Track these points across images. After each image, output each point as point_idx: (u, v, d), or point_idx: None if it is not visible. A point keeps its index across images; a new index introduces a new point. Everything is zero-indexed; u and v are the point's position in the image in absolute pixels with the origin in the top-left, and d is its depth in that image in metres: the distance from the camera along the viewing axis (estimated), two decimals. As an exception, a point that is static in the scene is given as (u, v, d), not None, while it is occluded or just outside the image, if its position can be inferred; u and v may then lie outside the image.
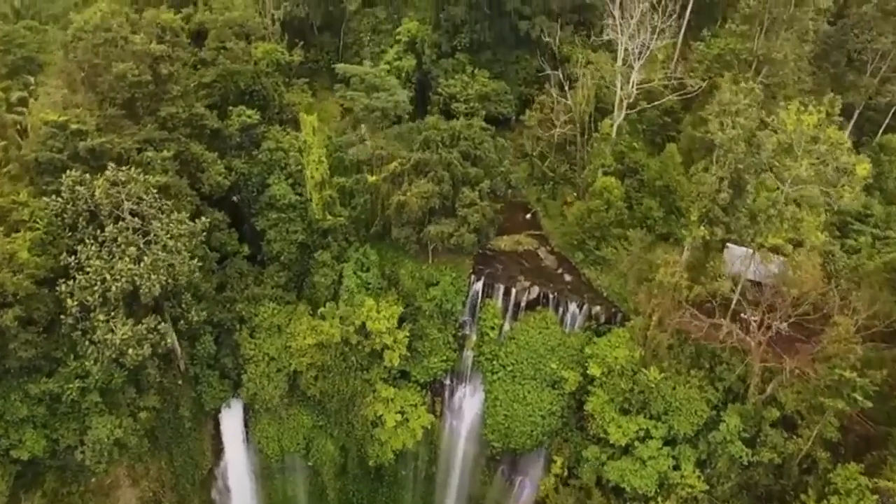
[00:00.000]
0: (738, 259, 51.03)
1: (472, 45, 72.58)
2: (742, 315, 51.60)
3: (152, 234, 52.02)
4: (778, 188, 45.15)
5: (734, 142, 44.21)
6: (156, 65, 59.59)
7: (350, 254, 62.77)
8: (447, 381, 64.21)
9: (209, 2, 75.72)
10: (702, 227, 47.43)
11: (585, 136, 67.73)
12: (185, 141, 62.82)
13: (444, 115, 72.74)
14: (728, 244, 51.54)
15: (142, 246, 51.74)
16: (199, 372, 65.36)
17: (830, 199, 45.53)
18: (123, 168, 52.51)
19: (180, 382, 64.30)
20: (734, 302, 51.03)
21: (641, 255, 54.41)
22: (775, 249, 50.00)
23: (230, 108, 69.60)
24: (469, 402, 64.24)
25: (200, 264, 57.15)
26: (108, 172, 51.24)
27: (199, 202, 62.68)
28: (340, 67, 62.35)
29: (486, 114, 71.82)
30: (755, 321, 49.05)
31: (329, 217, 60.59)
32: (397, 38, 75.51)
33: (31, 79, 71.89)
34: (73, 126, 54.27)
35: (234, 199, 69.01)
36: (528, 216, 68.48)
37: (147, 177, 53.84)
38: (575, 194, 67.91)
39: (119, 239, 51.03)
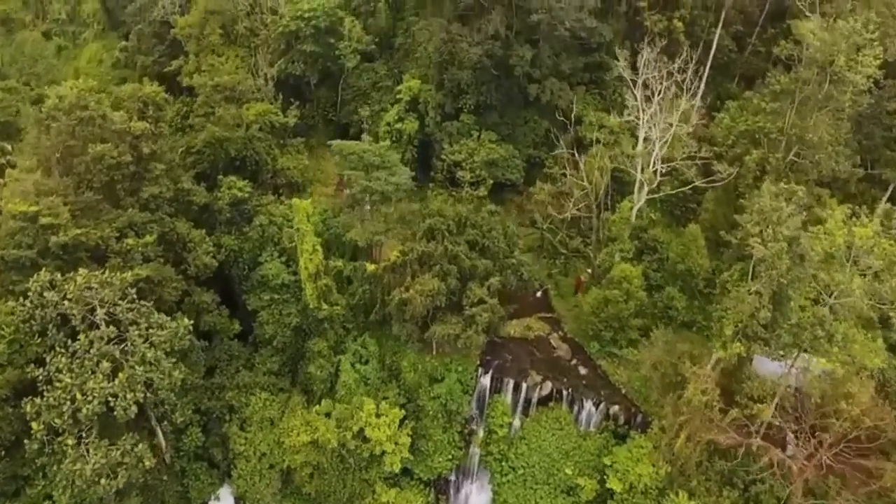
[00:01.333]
0: (773, 371, 45.39)
1: (478, 106, 66.82)
2: (779, 423, 45.97)
3: (129, 344, 46.17)
4: (823, 302, 39.47)
5: (778, 257, 38.53)
6: (137, 143, 53.84)
7: (348, 344, 56.97)
8: (452, 478, 58.36)
9: (199, 62, 70.09)
10: (737, 343, 41.75)
11: (600, 209, 62.11)
12: (169, 221, 57.11)
13: (449, 181, 67.35)
14: (758, 356, 45.82)
15: (118, 356, 45.91)
16: (185, 465, 59.62)
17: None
18: (97, 273, 46.57)
19: (165, 478, 58.49)
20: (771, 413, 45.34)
21: (666, 357, 48.67)
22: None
23: (220, 176, 64.12)
24: (476, 500, 58.46)
25: (184, 374, 51.24)
26: (79, 279, 45.35)
27: (185, 287, 56.99)
28: (336, 145, 56.50)
29: (493, 180, 66.46)
30: (796, 441, 43.45)
31: (325, 306, 54.78)
32: (398, 96, 69.71)
33: (9, 146, 66.18)
34: (45, 220, 48.36)
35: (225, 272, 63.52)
36: (539, 294, 62.69)
37: (125, 275, 47.96)
38: (589, 271, 62.15)
39: (92, 350, 45.18)
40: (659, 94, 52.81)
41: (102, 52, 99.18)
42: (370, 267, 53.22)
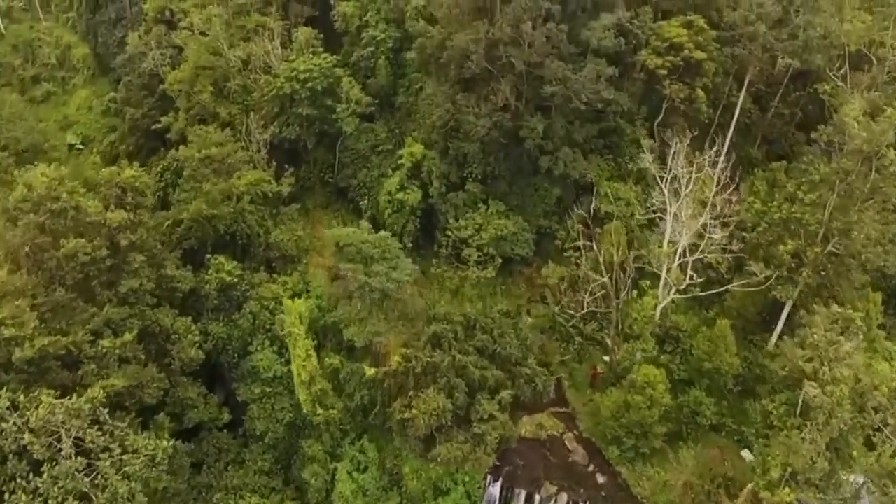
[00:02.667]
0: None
1: (485, 176, 61.08)
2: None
3: (100, 476, 40.26)
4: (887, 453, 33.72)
5: (838, 404, 32.84)
6: (114, 235, 48.01)
7: (345, 448, 51.08)
8: None
9: (187, 127, 64.24)
10: (786, 489, 35.93)
11: (617, 290, 56.28)
12: (151, 313, 51.28)
13: (454, 257, 61.46)
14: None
15: (87, 490, 39.98)
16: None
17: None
18: (63, 401, 40.53)
19: None
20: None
21: (697, 481, 42.88)
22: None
23: (208, 255, 58.35)
24: None
25: (165, 483, 45.48)
26: (41, 411, 39.37)
27: (167, 385, 51.12)
28: (332, 233, 50.93)
29: (501, 256, 60.59)
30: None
31: (320, 410, 48.94)
32: (399, 161, 63.79)
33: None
34: (7, 331, 42.44)
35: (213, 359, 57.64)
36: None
37: (95, 394, 41.97)
38: (606, 359, 56.27)
39: (57, 487, 39.23)
40: (687, 188, 46.94)
41: (92, 98, 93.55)
42: (369, 371, 47.34)
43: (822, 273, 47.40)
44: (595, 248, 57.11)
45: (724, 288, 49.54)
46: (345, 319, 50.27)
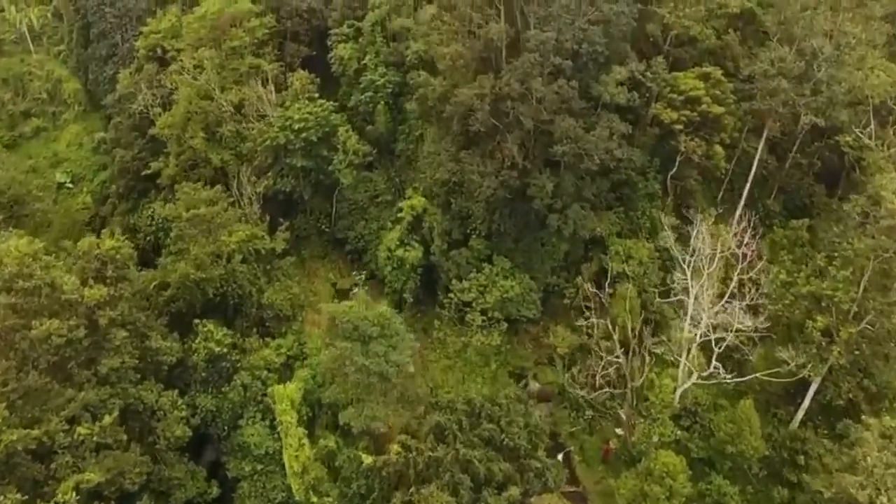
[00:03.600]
0: None
1: (490, 233, 57.16)
2: None
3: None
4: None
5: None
6: (93, 313, 44.01)
7: (342, 536, 47.07)
8: None
9: (176, 188, 60.14)
10: None
11: (629, 354, 52.37)
12: (134, 391, 47.20)
13: (457, 320, 57.46)
14: None
15: None
16: None
17: None
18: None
19: None
20: None
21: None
22: None
23: (196, 320, 54.32)
24: None
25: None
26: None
27: (150, 468, 47.04)
28: (329, 309, 46.85)
29: (507, 317, 56.61)
30: None
31: (314, 498, 44.83)
32: (399, 215, 59.86)
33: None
34: (-29, 427, 38.56)
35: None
36: (560, 456, 52.71)
37: (67, 498, 37.96)
38: (619, 432, 52.23)
39: None
40: (710, 267, 42.96)
41: (83, 134, 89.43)
42: (367, 459, 43.20)
43: (856, 352, 43.54)
44: (607, 303, 53.49)
45: (751, 377, 45.59)
46: (340, 399, 46.23)
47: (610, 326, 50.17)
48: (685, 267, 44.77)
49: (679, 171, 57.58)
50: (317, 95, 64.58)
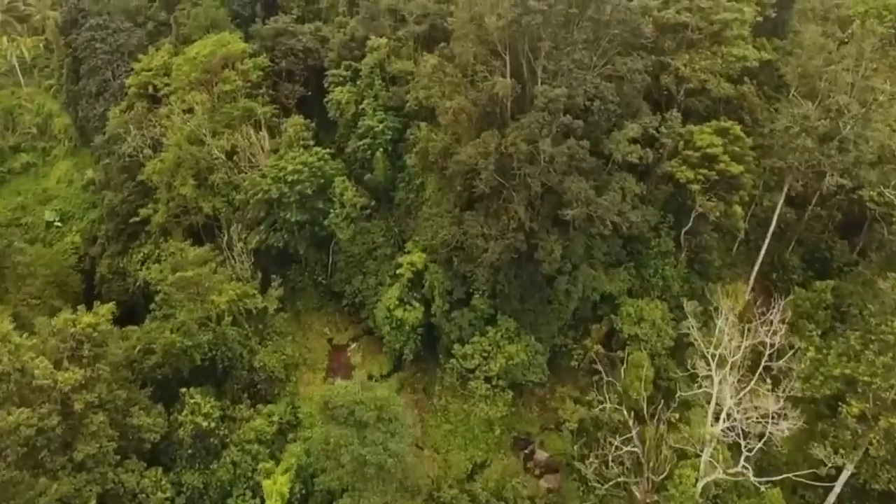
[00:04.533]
0: None
1: (494, 293, 53.45)
2: None
3: None
4: None
5: None
6: (67, 398, 40.24)
7: None
8: None
9: (160, 248, 56.47)
10: None
11: (643, 423, 48.70)
12: (113, 475, 43.34)
13: (460, 386, 53.67)
14: None
15: None
16: None
17: None
18: None
19: None
20: None
21: None
22: None
23: (182, 389, 50.49)
24: None
25: None
26: None
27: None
28: (323, 394, 43.08)
29: (512, 382, 52.89)
30: None
31: None
32: (398, 271, 56.08)
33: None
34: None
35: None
36: (570, 537, 49.02)
37: None
38: (632, 511, 48.55)
39: None
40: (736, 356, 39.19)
41: (73, 171, 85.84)
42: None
43: (896, 442, 39.83)
44: (619, 370, 49.85)
45: (780, 478, 41.77)
46: (334, 487, 42.42)
47: (621, 399, 46.51)
48: (709, 359, 40.91)
49: (693, 226, 53.93)
50: (312, 143, 61.18)
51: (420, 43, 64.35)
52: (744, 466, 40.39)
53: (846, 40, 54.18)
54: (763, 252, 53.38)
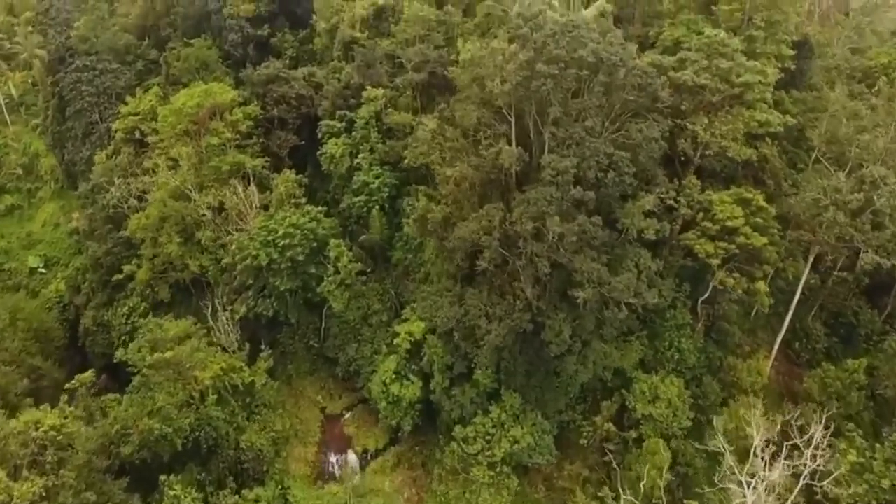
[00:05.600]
0: None
1: (498, 368, 49.18)
2: None
3: None
4: None
5: None
6: (26, 510, 35.89)
7: None
8: None
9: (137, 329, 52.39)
10: None
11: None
12: (81, 586, 39.02)
13: (462, 469, 49.15)
14: None
15: None
16: None
17: None
18: None
19: None
20: None
21: None
22: None
23: (162, 476, 46.11)
24: None
25: None
26: None
27: None
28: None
29: (517, 462, 48.58)
30: None
31: None
32: (395, 342, 51.71)
33: None
34: None
35: None
36: None
37: None
38: None
39: None
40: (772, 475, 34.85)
41: (59, 214, 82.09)
42: None
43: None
44: (633, 445, 45.59)
45: None
46: None
47: (634, 485, 42.21)
48: (744, 485, 36.48)
49: (711, 295, 49.72)
50: (304, 200, 57.04)
51: (419, 91, 60.43)
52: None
53: (875, 94, 50.17)
54: (786, 325, 49.07)
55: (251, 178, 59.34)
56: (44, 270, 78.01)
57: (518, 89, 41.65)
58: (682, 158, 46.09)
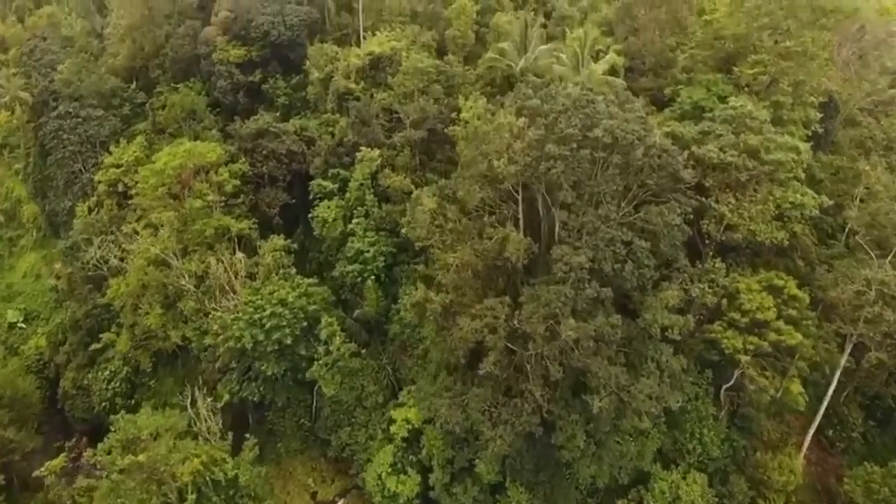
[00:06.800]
0: None
1: (504, 462, 44.40)
2: None
3: None
4: None
5: None
6: None
7: None
8: None
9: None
10: None
11: None
12: None
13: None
14: None
15: None
16: None
17: None
18: None
19: None
20: None
21: None
22: None
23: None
24: None
25: None
26: None
27: None
28: None
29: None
30: None
31: None
32: (392, 429, 46.94)
33: None
34: None
35: None
36: None
37: None
38: None
39: None
40: None
41: (41, 264, 77.17)
42: None
43: None
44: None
45: None
46: None
47: None
48: None
49: (737, 383, 44.93)
50: (293, 271, 52.37)
51: (418, 148, 55.98)
52: None
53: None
54: (819, 417, 44.30)
55: (237, 244, 54.76)
56: (23, 325, 73.15)
57: (526, 170, 37.08)
58: (706, 240, 41.41)
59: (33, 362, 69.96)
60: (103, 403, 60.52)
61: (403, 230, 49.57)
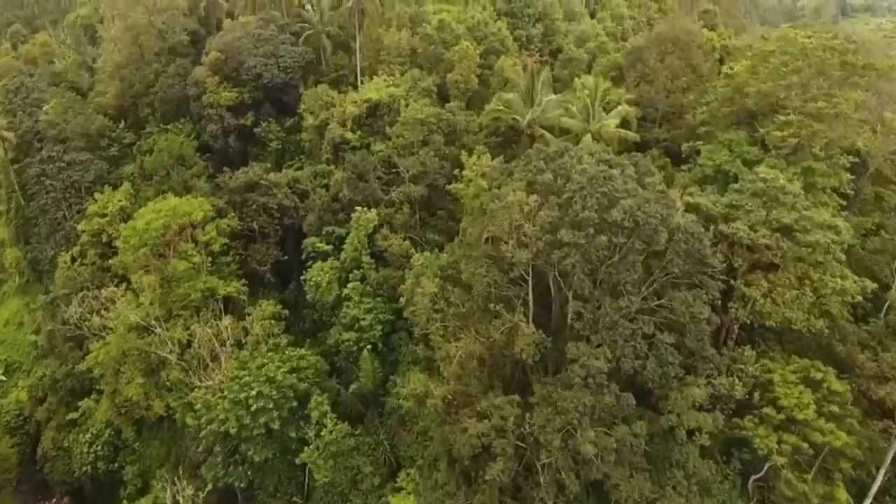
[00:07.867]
0: None
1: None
2: None
3: None
4: None
5: None
6: None
7: None
8: None
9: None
10: None
11: None
12: None
13: None
14: None
15: None
16: None
17: None
18: None
19: None
20: None
21: None
22: None
23: None
24: None
25: None
26: None
27: None
28: None
29: None
30: None
31: None
32: (390, 517, 42.88)
33: None
34: None
35: None
36: None
37: None
38: None
39: None
40: None
41: (24, 312, 72.91)
42: None
43: None
44: None
45: None
46: None
47: None
48: None
49: (767, 474, 40.61)
50: (283, 341, 48.24)
51: (417, 204, 51.98)
52: None
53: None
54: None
55: (224, 306, 50.63)
56: (3, 378, 68.83)
57: (538, 256, 32.95)
58: (737, 327, 37.22)
59: (13, 418, 65.83)
60: (84, 467, 56.44)
61: (402, 297, 45.62)
